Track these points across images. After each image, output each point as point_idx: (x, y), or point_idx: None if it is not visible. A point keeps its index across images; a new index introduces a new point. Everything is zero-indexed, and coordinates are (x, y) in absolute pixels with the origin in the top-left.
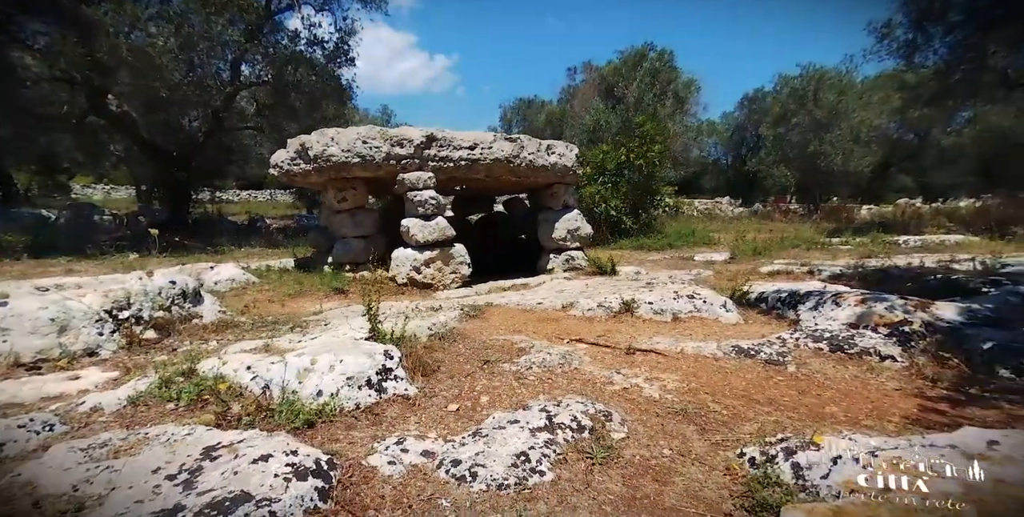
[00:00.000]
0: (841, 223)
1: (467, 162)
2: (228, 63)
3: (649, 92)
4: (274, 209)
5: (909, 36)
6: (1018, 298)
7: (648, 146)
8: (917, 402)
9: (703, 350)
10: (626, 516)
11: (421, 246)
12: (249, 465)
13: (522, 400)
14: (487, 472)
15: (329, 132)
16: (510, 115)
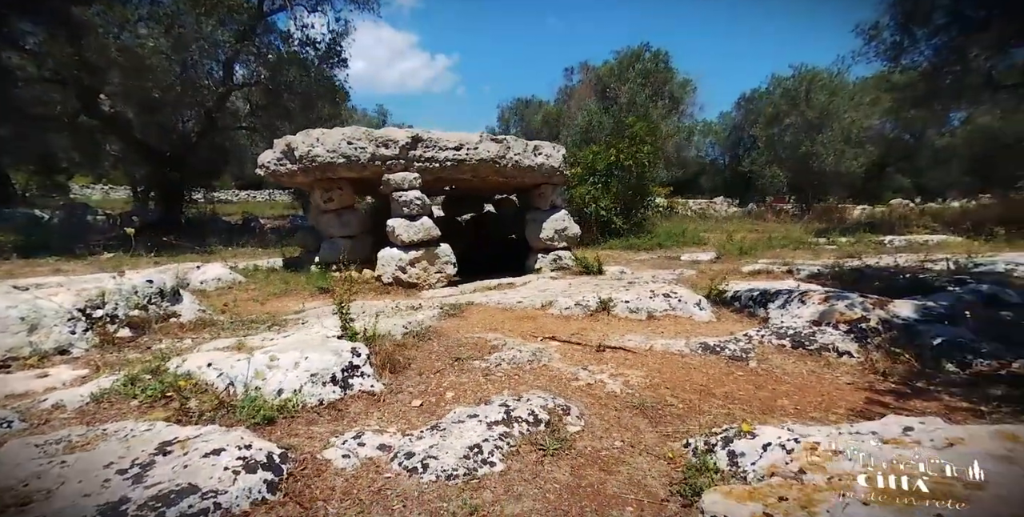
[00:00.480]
0: (832, 223)
1: (453, 162)
2: (221, 63)
3: (641, 93)
4: (271, 209)
5: (895, 38)
6: (973, 296)
7: (638, 147)
8: (865, 395)
9: (671, 347)
10: (568, 503)
11: (406, 246)
12: (200, 459)
13: (486, 395)
14: (438, 464)
15: (314, 133)
16: (508, 115)
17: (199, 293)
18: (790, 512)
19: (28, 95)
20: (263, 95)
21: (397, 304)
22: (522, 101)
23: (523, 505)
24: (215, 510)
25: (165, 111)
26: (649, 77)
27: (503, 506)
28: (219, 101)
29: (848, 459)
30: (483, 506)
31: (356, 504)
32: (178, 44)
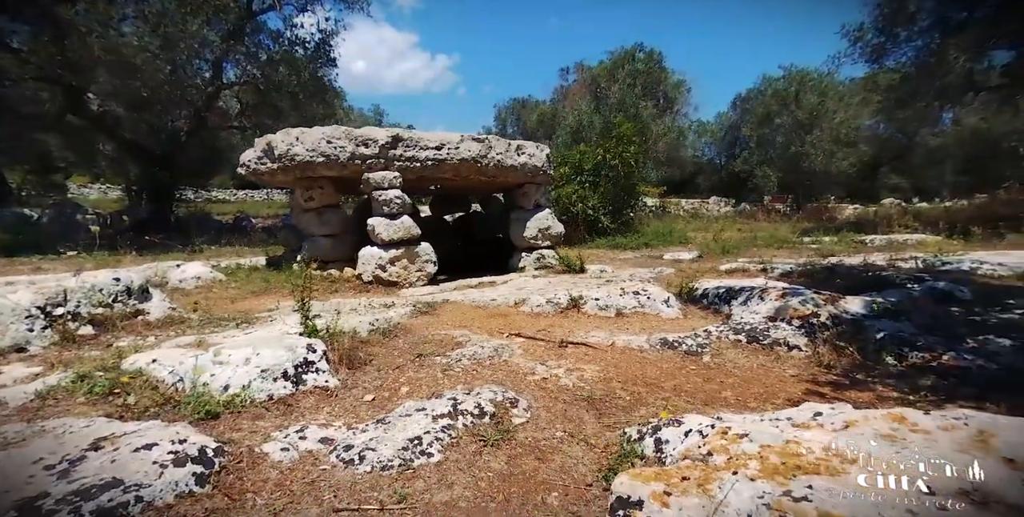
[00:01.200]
0: (822, 222)
1: (434, 162)
2: (210, 63)
3: (631, 93)
4: (268, 208)
5: (878, 40)
6: (928, 293)
7: (624, 147)
8: (805, 387)
9: (632, 343)
10: (497, 489)
11: (386, 244)
12: (131, 453)
13: (440, 390)
14: (375, 455)
15: (294, 131)
16: (504, 115)
17: (177, 291)
18: (687, 490)
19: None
20: (253, 94)
21: (371, 302)
22: (518, 101)
23: (453, 493)
24: (136, 503)
25: (154, 110)
26: (639, 77)
27: (433, 494)
28: (208, 100)
29: (750, 441)
30: (413, 494)
31: (287, 495)
32: (166, 43)
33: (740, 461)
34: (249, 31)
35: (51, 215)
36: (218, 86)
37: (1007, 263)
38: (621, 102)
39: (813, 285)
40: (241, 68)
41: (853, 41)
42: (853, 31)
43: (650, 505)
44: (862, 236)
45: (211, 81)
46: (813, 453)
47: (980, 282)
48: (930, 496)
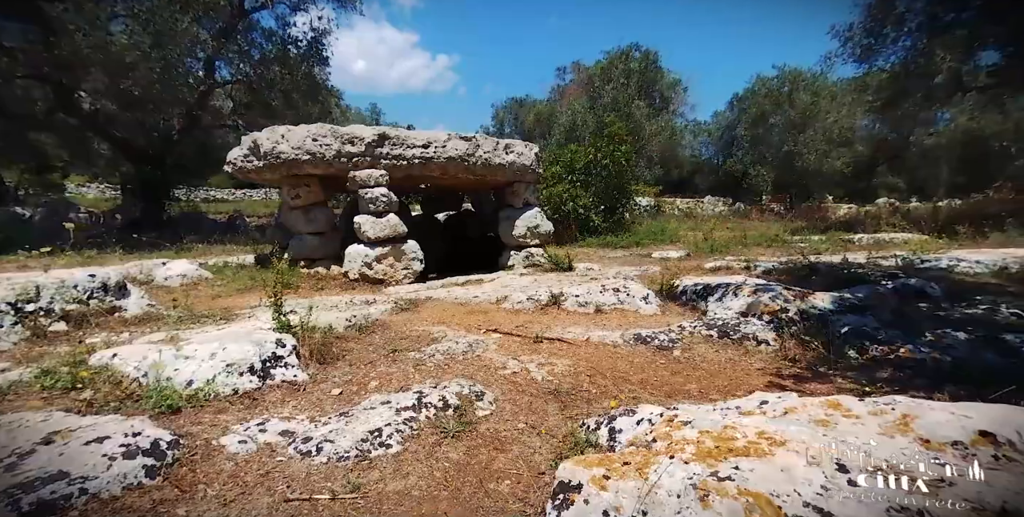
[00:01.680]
0: (815, 222)
1: (421, 160)
2: (202, 61)
3: (623, 93)
4: (265, 207)
5: (866, 41)
6: (892, 289)
7: (616, 146)
8: (769, 379)
9: (606, 338)
10: (452, 478)
11: (373, 242)
12: (81, 447)
13: (409, 384)
14: (333, 447)
15: (280, 129)
16: (502, 115)
17: (162, 289)
18: (626, 473)
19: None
20: (246, 93)
21: (352, 299)
22: (516, 100)
23: (407, 482)
24: (80, 495)
25: (146, 108)
26: (632, 77)
27: (387, 483)
28: (201, 99)
29: (691, 428)
30: (367, 484)
31: (239, 486)
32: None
33: (679, 446)
34: (242, 29)
35: (43, 214)
36: (210, 84)
37: (984, 261)
38: (614, 102)
39: (792, 282)
40: (234, 66)
41: (843, 42)
42: (844, 31)
43: (588, 488)
44: (850, 235)
45: (203, 79)
46: (746, 437)
47: (955, 279)
48: (843, 473)
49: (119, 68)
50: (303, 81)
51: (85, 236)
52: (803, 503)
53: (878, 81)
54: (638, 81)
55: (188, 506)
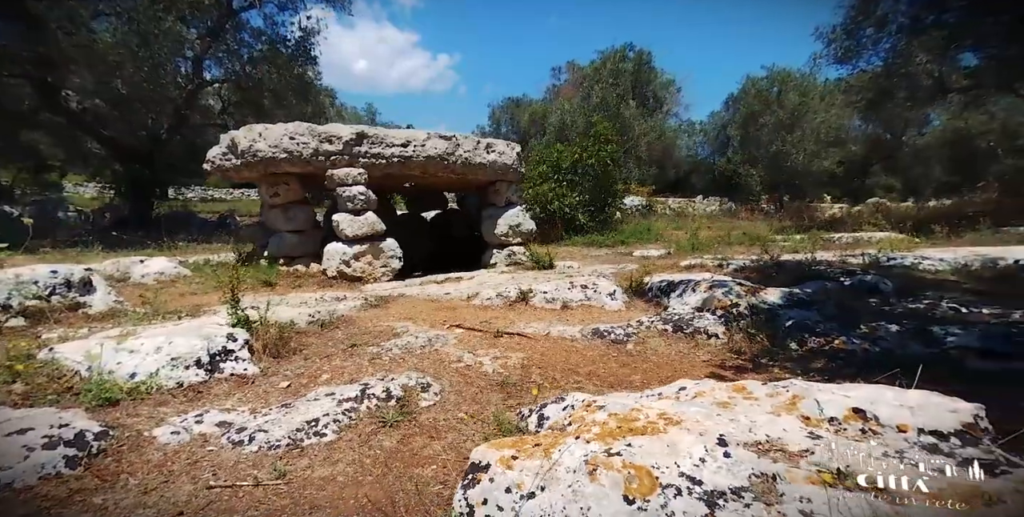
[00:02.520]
0: (802, 221)
1: (400, 159)
2: (190, 60)
3: (612, 93)
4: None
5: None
6: (836, 284)
7: (601, 146)
8: (711, 370)
9: (565, 333)
10: (379, 464)
11: (351, 240)
12: (1, 438)
13: (360, 377)
14: (266, 436)
15: (257, 128)
16: (499, 114)
17: (138, 286)
18: (533, 454)
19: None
20: (236, 92)
21: (323, 296)
22: (512, 100)
23: (335, 468)
24: None
25: (133, 107)
26: (621, 77)
27: (314, 470)
28: (189, 98)
29: (604, 411)
30: (294, 471)
31: (163, 475)
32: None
33: (586, 427)
34: (230, 28)
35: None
36: (199, 84)
37: (948, 259)
38: (603, 102)
39: (759, 279)
40: (223, 66)
41: (827, 43)
42: (827, 33)
43: (495, 468)
44: (832, 234)
45: (191, 78)
46: (647, 418)
47: (916, 276)
48: (721, 447)
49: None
50: (292, 80)
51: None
52: (679, 473)
53: (861, 82)
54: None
55: (106, 495)
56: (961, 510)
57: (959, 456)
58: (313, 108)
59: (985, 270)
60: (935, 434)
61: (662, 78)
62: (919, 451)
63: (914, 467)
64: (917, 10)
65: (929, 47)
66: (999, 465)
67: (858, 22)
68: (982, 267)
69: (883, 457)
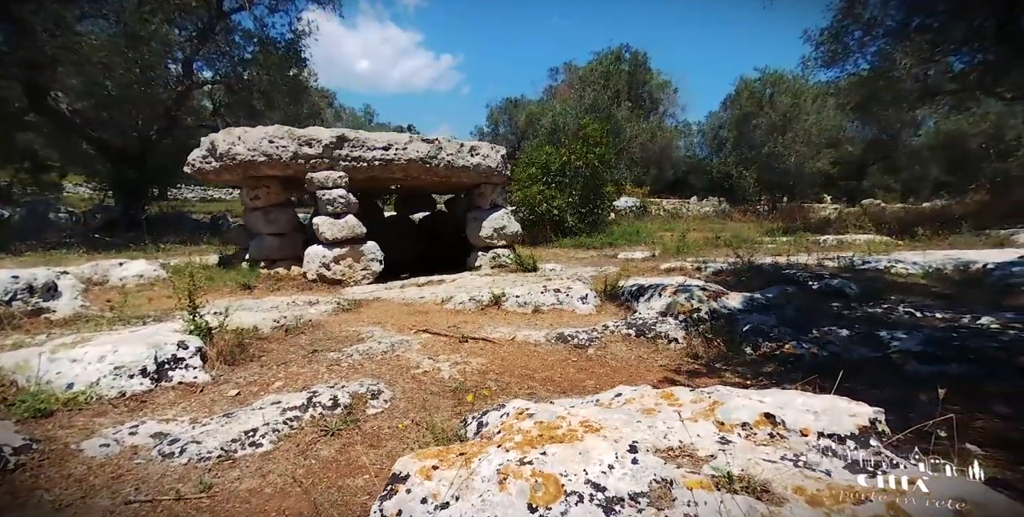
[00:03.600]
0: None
1: (381, 162)
2: (179, 62)
3: (603, 95)
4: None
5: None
6: (798, 288)
7: (590, 148)
8: (665, 375)
9: (531, 337)
10: (311, 475)
11: (331, 243)
12: None
13: (312, 384)
14: (199, 448)
15: (236, 131)
16: (497, 115)
17: (115, 289)
18: (454, 463)
19: None
20: (227, 94)
21: (296, 300)
22: (511, 101)
23: (265, 480)
24: None
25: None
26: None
27: (242, 482)
28: (179, 100)
29: (531, 419)
30: (221, 483)
31: (82, 490)
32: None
33: (511, 436)
34: (220, 31)
35: (23, 213)
36: (188, 85)
37: (921, 262)
38: (595, 104)
39: (734, 282)
40: (213, 67)
41: (816, 46)
42: (816, 36)
43: (414, 478)
44: (819, 236)
45: (181, 80)
46: (569, 426)
47: (886, 279)
48: (631, 453)
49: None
50: (283, 82)
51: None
52: (585, 481)
53: (849, 85)
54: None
55: (17, 512)
56: (831, 509)
57: (849, 458)
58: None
59: (955, 274)
60: (833, 437)
61: (658, 79)
62: (815, 454)
63: (805, 469)
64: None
65: (914, 51)
66: (880, 466)
67: (844, 26)
68: (953, 270)
69: (780, 460)
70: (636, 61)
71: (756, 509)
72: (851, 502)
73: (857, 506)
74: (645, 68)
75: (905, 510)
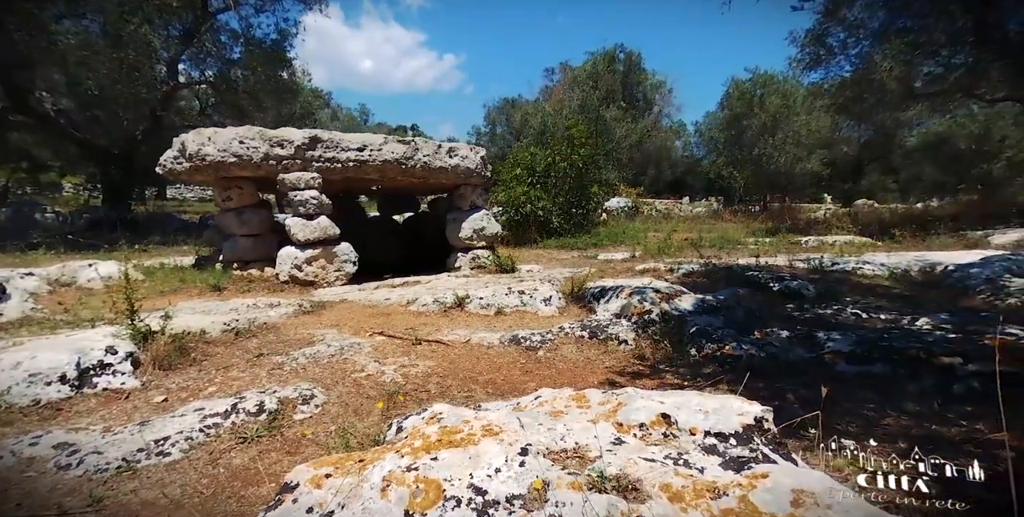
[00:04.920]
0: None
1: (355, 163)
2: (164, 62)
3: (591, 96)
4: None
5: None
6: (749, 290)
7: (574, 149)
8: (608, 376)
9: (485, 340)
10: (216, 484)
11: (303, 244)
12: None
13: (244, 389)
14: (99, 458)
15: (206, 132)
16: (494, 115)
17: (81, 290)
18: (349, 471)
19: None
20: (213, 94)
21: (257, 301)
22: (508, 101)
23: (164, 491)
24: None
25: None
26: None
27: (139, 493)
28: (164, 100)
29: (438, 423)
30: (114, 495)
31: None
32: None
33: (412, 441)
34: (206, 31)
35: (7, 214)
36: (174, 85)
37: (889, 264)
38: (584, 105)
39: (705, 284)
40: (199, 68)
41: (800, 47)
42: (801, 38)
43: (303, 488)
44: (801, 237)
45: (166, 80)
46: (470, 430)
47: (852, 280)
48: (521, 456)
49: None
50: (270, 82)
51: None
52: (468, 485)
53: (832, 86)
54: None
55: None
56: (689, 504)
57: (728, 455)
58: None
59: (920, 275)
60: (718, 436)
61: (653, 79)
62: (698, 452)
63: (681, 467)
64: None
65: (895, 53)
66: (751, 462)
67: (825, 28)
68: (919, 272)
69: (662, 459)
70: (630, 61)
71: (617, 507)
72: (709, 497)
73: (713, 500)
74: (639, 68)
75: (753, 502)
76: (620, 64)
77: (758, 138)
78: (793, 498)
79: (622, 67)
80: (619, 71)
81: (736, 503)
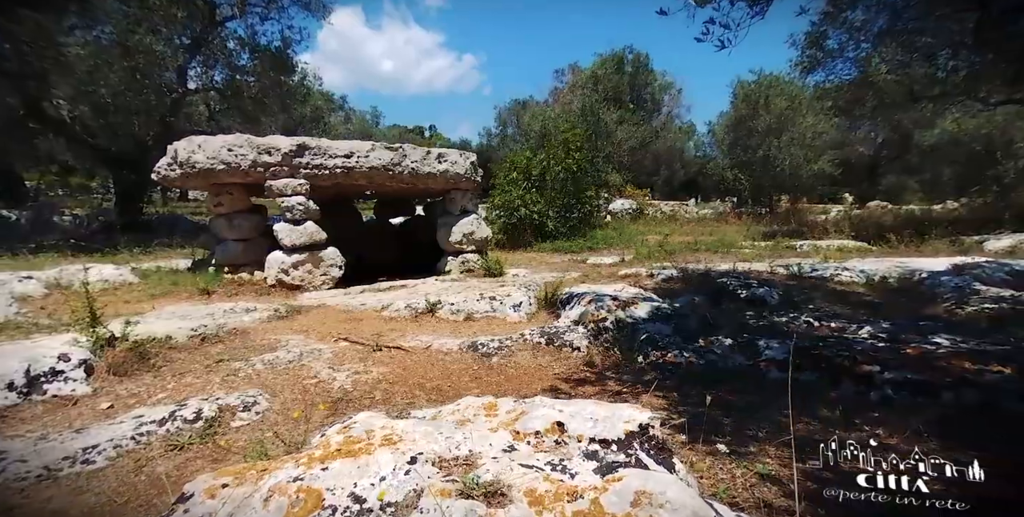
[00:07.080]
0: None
1: (343, 170)
2: (174, 69)
3: (590, 99)
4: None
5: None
6: (703, 297)
7: (570, 153)
8: (553, 383)
9: (445, 346)
10: (133, 493)
11: (290, 249)
12: None
13: (197, 396)
14: (21, 467)
15: (197, 139)
16: (505, 116)
17: (77, 294)
18: (247, 480)
19: None
20: (221, 100)
21: (235, 306)
22: (519, 102)
23: (78, 499)
24: None
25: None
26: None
27: (51, 502)
28: (174, 106)
29: (348, 432)
30: (26, 504)
31: None
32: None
33: (315, 450)
34: (214, 39)
35: (29, 216)
36: (183, 92)
37: (868, 270)
38: (584, 108)
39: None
40: (208, 75)
41: (800, 50)
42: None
43: (197, 498)
44: (796, 241)
45: (175, 88)
46: (370, 439)
47: (827, 287)
48: (409, 465)
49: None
50: (274, 88)
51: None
52: (348, 494)
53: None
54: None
55: None
56: (547, 507)
57: (604, 461)
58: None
59: (897, 282)
60: (602, 442)
61: (662, 80)
62: (580, 458)
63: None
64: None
65: (894, 55)
66: (621, 466)
67: (822, 31)
68: (898, 279)
69: (542, 465)
70: (638, 62)
71: (476, 512)
72: (567, 500)
73: (569, 503)
74: (647, 69)
75: (602, 503)
76: (628, 65)
77: (763, 140)
78: (633, 499)
79: (630, 68)
80: (627, 72)
81: (588, 505)
